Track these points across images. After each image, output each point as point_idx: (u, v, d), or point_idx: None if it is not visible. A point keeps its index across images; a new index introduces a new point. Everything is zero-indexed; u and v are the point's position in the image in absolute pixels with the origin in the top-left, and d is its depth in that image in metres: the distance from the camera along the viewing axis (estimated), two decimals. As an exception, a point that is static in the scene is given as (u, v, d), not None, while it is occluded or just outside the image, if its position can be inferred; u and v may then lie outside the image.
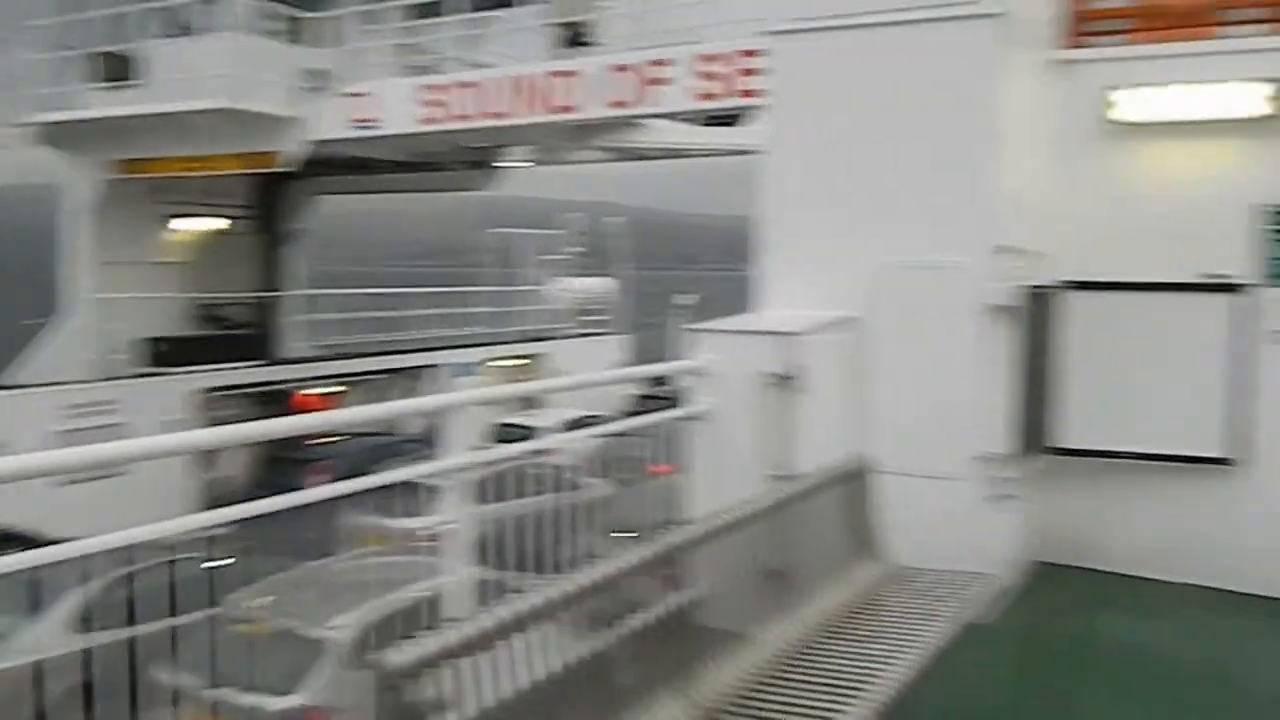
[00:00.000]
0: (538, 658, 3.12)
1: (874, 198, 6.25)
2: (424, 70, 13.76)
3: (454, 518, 4.60)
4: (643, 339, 22.44)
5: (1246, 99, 6.24)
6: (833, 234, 6.30)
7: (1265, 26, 6.61)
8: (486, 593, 4.37)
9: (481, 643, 2.96)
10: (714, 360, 5.83)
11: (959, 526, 5.91)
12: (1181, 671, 5.48)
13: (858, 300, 6.21)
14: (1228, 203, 6.49)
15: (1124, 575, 6.74)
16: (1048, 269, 6.65)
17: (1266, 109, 6.19)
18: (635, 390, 17.07)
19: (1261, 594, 6.40)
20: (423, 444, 8.72)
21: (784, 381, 5.64)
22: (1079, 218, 6.74)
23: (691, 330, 6.02)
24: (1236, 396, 6.48)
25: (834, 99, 6.32)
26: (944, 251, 6.08)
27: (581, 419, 12.69)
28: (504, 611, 3.09)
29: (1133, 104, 6.62)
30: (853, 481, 5.23)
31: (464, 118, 12.63)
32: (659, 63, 11.22)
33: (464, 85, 12.64)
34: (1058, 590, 6.53)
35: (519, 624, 3.10)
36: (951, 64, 6.02)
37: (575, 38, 12.67)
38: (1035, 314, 6.47)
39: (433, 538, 4.73)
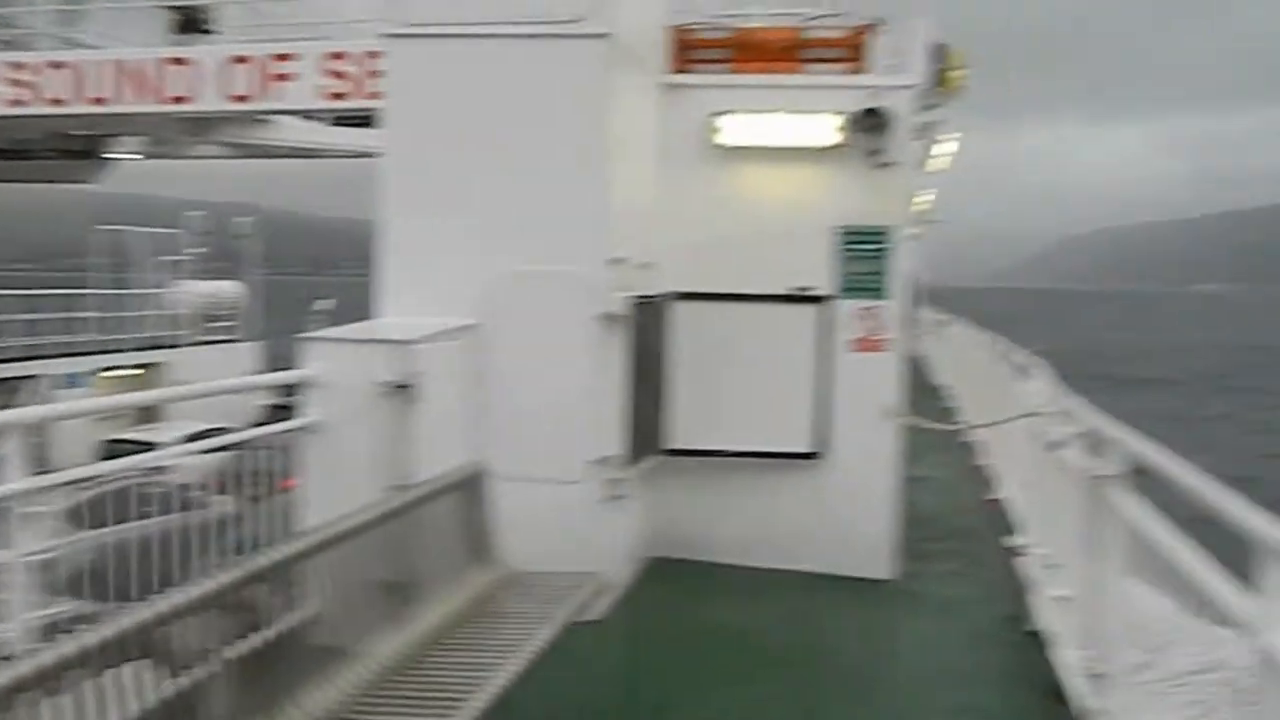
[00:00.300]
0: (113, 699, 2.89)
1: (491, 207, 6.36)
2: (9, 46, 12.39)
3: (37, 547, 4.19)
4: (277, 346, 21.46)
5: (822, 129, 7.02)
6: (450, 242, 6.34)
7: (840, 65, 7.48)
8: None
9: (38, 683, 2.69)
10: (328, 369, 5.68)
11: (575, 529, 6.15)
12: (781, 651, 6.02)
13: (476, 308, 6.29)
14: (811, 223, 7.28)
15: (729, 565, 7.34)
16: (658, 280, 7.09)
17: (837, 138, 7.00)
18: (265, 401, 16.31)
19: (844, 574, 7.22)
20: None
21: (400, 390, 5.60)
22: (687, 233, 7.27)
23: (304, 339, 5.83)
24: (820, 397, 7.27)
25: (450, 106, 6.36)
26: (559, 261, 6.30)
27: (206, 432, 11.92)
28: (68, 647, 2.83)
29: (732, 129, 7.23)
30: (468, 488, 5.25)
31: (58, 102, 11.50)
32: (283, 57, 10.80)
33: (57, 66, 11.50)
34: (668, 584, 6.99)
35: (88, 659, 2.85)
36: (562, 79, 6.26)
37: (191, 24, 11.91)
38: (646, 322, 6.87)
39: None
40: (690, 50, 7.49)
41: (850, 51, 7.56)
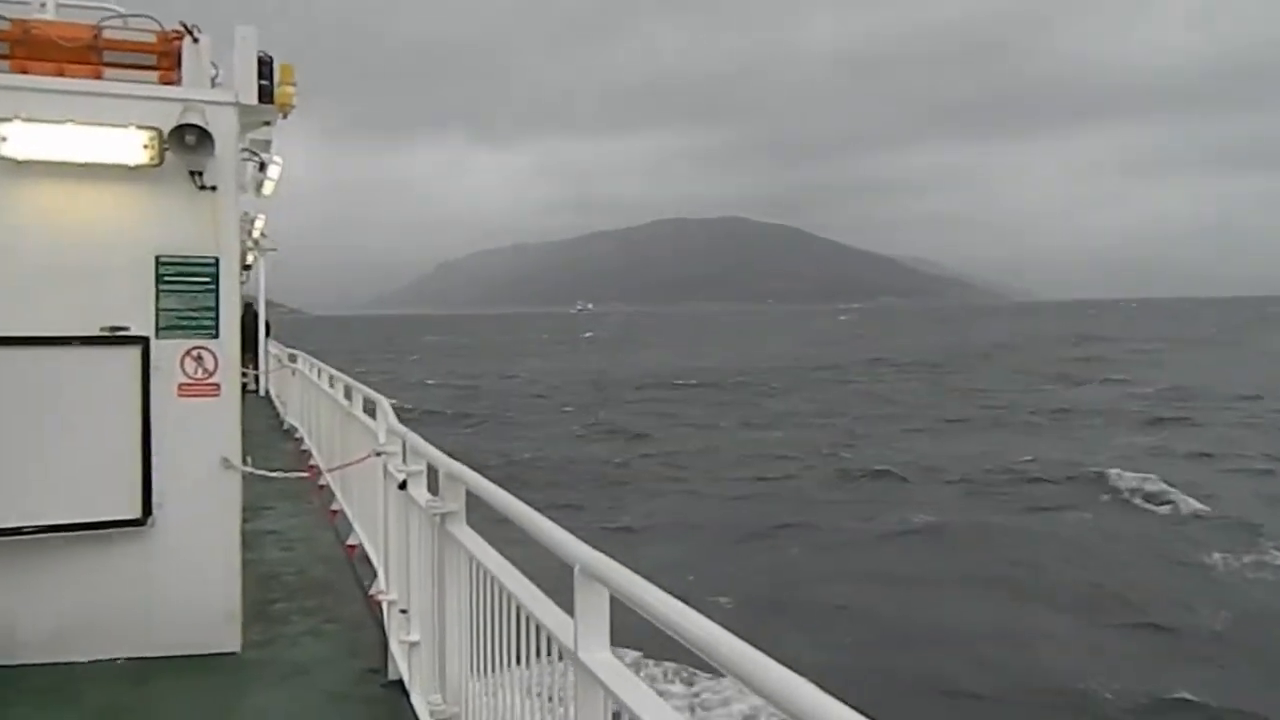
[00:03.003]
0: None
1: None
2: None
3: None
4: None
5: (128, 145, 6.62)
6: None
7: (150, 73, 7.15)
8: None
9: None
10: None
11: None
12: None
13: None
14: (126, 252, 6.82)
15: (38, 666, 6.61)
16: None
17: (146, 156, 6.65)
18: None
19: (184, 653, 6.87)
20: None
21: None
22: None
23: None
24: (146, 453, 6.85)
25: None
26: None
27: None
28: None
29: (18, 140, 6.52)
30: None
31: None
32: None
33: None
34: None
35: None
36: None
37: None
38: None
39: None
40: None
41: (162, 59, 7.26)
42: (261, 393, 25.66)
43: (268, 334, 27.12)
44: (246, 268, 25.04)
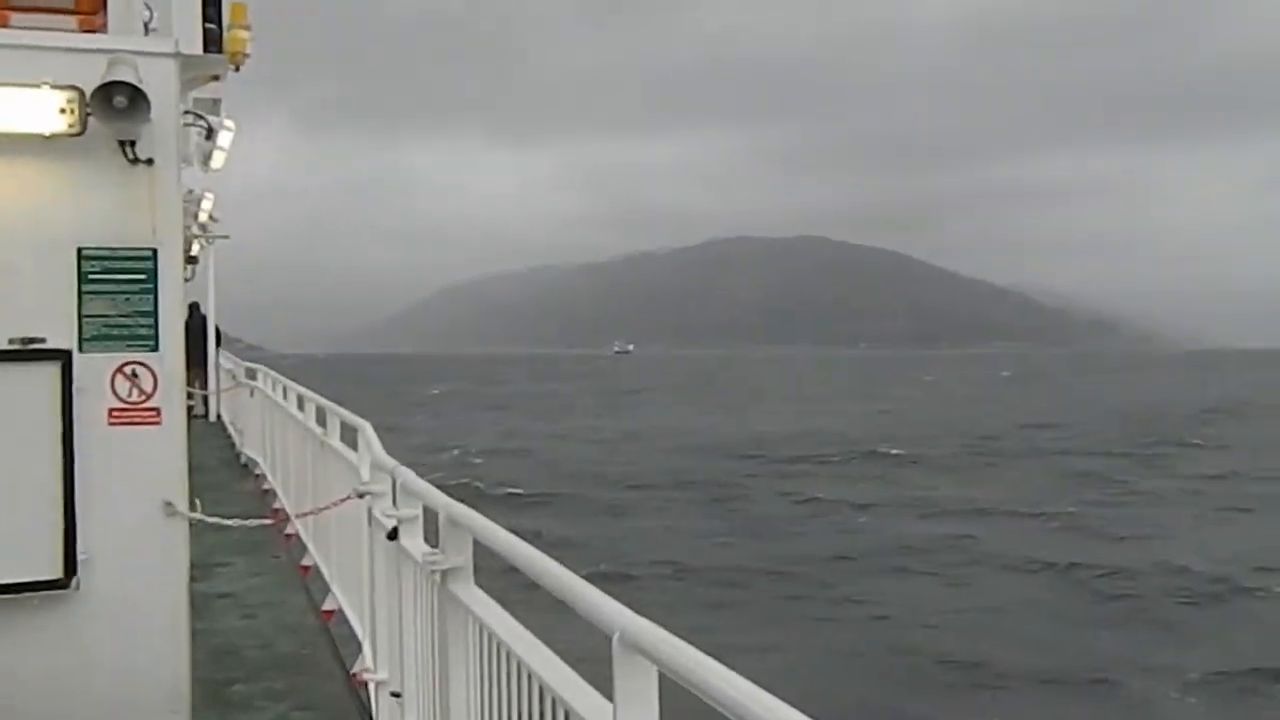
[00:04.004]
0: None
1: None
2: None
3: None
4: None
5: (41, 109, 6.65)
6: None
7: (67, 19, 7.24)
8: None
9: None
10: None
11: None
12: None
13: None
14: (39, 243, 6.90)
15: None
16: None
17: (63, 124, 6.71)
18: None
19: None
20: None
21: None
22: None
23: None
24: (68, 497, 6.91)
25: None
26: None
27: None
28: None
29: (-98, 102, 6.62)
30: None
31: None
32: None
33: None
34: None
35: None
36: None
37: None
38: None
39: None
40: None
41: (81, 0, 7.36)
42: (212, 417, 25.96)
43: (218, 343, 27.34)
44: (192, 260, 25.32)
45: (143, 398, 7.09)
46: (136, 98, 6.70)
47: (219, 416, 25.80)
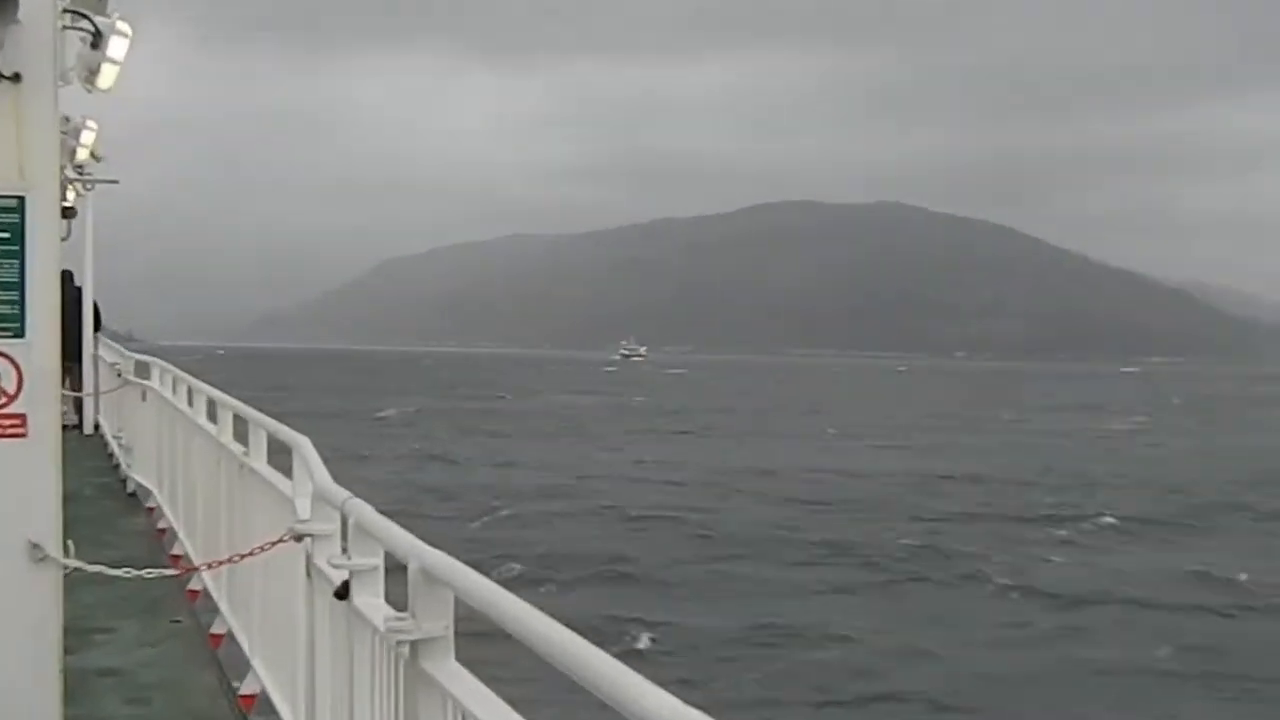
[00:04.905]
0: None
1: None
2: None
3: None
4: None
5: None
6: None
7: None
8: None
9: None
10: None
11: None
12: None
13: None
14: None
15: None
16: None
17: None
18: None
19: None
20: None
21: None
22: None
23: None
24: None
25: None
26: None
27: None
28: None
29: None
30: None
31: None
32: None
33: None
34: None
35: None
36: None
37: None
38: None
39: None
40: None
41: None
42: (88, 429, 25.70)
43: (98, 328, 27.05)
44: (68, 212, 25.01)
45: (2, 401, 7.06)
46: (1, -5, 6.70)
47: (97, 428, 25.61)
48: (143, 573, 9.25)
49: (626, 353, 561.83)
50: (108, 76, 13.30)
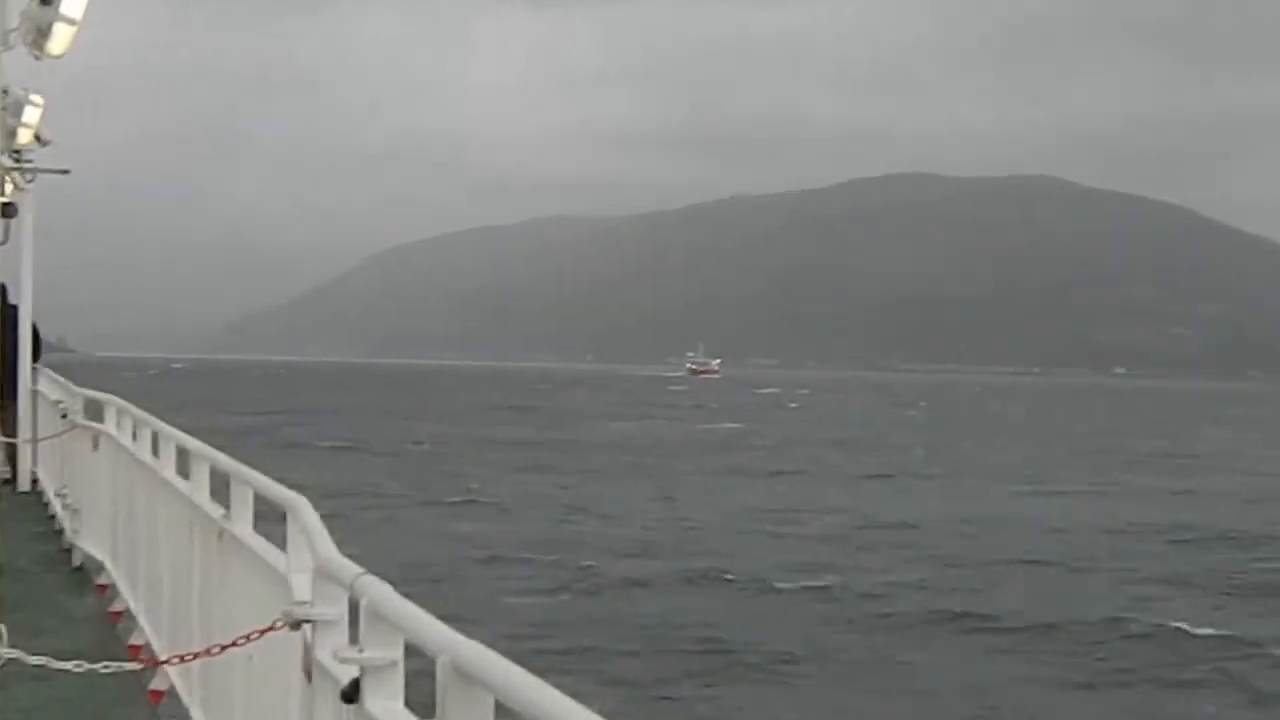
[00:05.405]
0: None
1: None
2: None
3: None
4: None
5: None
6: None
7: None
8: None
9: None
10: None
11: None
12: None
13: None
14: None
15: None
16: None
17: None
18: None
19: None
20: None
21: None
22: None
23: None
24: None
25: None
26: None
27: None
28: None
29: None
30: None
31: None
32: None
33: None
34: None
35: None
36: None
37: None
38: None
39: None
40: None
41: None
42: (23, 483, 25.73)
43: (37, 355, 26.94)
44: (7, 210, 24.46)
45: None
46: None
47: (35, 483, 25.66)
48: (96, 667, 9.28)
49: (695, 367, 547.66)
50: (61, 39, 12.99)
